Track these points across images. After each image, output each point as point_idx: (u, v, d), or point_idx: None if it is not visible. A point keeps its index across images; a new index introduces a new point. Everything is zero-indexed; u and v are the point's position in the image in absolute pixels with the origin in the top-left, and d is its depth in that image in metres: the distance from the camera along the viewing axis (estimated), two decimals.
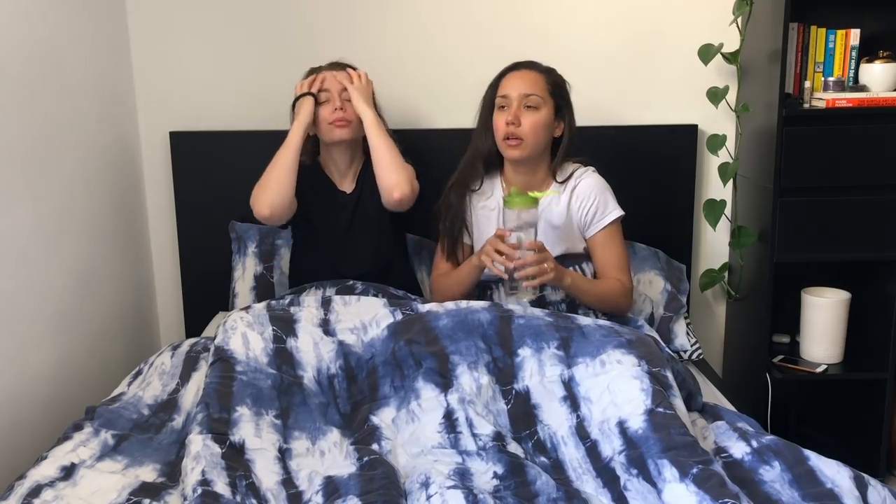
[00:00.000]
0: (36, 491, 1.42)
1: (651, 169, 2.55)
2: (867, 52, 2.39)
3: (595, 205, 2.06)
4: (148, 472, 1.54)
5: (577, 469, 1.51)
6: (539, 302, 2.04)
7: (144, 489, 1.47)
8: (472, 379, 1.65)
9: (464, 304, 1.81)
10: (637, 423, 1.49)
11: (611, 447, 1.50)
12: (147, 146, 2.60)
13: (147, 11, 2.51)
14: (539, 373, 1.67)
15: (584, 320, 1.78)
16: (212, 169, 2.52)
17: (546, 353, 1.69)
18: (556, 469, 1.53)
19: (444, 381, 1.65)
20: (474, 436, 1.53)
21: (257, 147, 2.50)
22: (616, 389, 1.57)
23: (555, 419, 1.61)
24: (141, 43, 2.53)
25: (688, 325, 2.40)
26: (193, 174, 2.52)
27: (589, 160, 2.16)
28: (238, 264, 2.41)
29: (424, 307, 1.82)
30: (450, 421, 1.57)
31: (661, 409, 1.50)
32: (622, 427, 1.51)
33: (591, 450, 1.53)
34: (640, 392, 1.54)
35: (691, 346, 2.35)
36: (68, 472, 1.49)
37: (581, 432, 1.57)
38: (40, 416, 1.97)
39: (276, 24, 2.52)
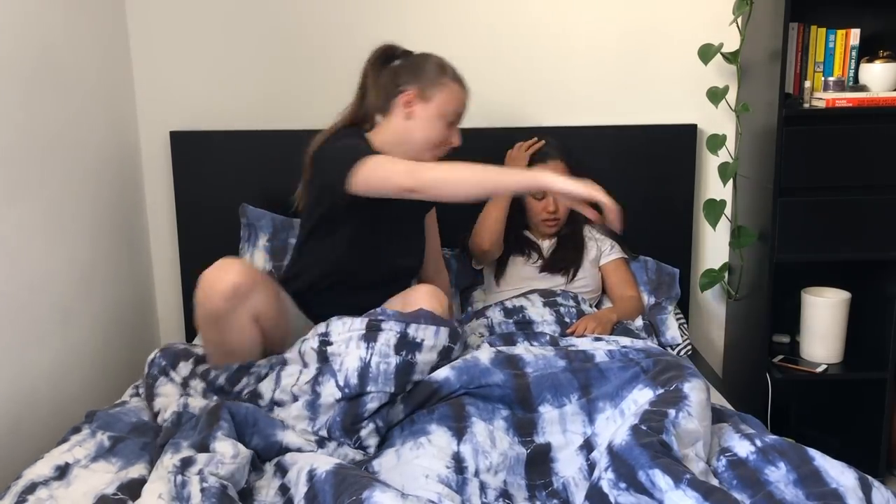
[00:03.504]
0: (31, 489, 1.42)
1: (651, 169, 2.55)
2: (867, 51, 2.39)
3: (610, 244, 2.47)
4: (138, 470, 1.53)
5: None
6: (551, 301, 2.16)
7: (130, 486, 1.46)
8: (486, 430, 1.57)
9: (470, 358, 1.72)
10: (620, 438, 1.44)
11: (598, 468, 1.44)
12: (147, 146, 2.60)
13: (147, 11, 2.51)
14: (561, 431, 1.62)
15: (599, 355, 1.74)
16: (212, 169, 2.52)
17: (567, 408, 1.64)
18: None
19: (459, 426, 1.57)
20: (482, 484, 1.47)
21: (257, 147, 2.51)
22: (616, 428, 1.54)
23: (570, 468, 1.55)
24: (141, 43, 2.53)
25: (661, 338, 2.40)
26: (193, 174, 2.52)
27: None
28: (246, 254, 2.36)
29: (437, 376, 1.69)
30: (459, 465, 1.49)
31: (644, 427, 1.44)
32: (610, 446, 1.45)
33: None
34: (633, 417, 1.50)
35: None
36: (62, 471, 1.49)
37: (591, 472, 1.53)
38: (41, 416, 1.96)
39: (277, 24, 2.52)
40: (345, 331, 1.69)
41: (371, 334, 1.66)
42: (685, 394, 1.52)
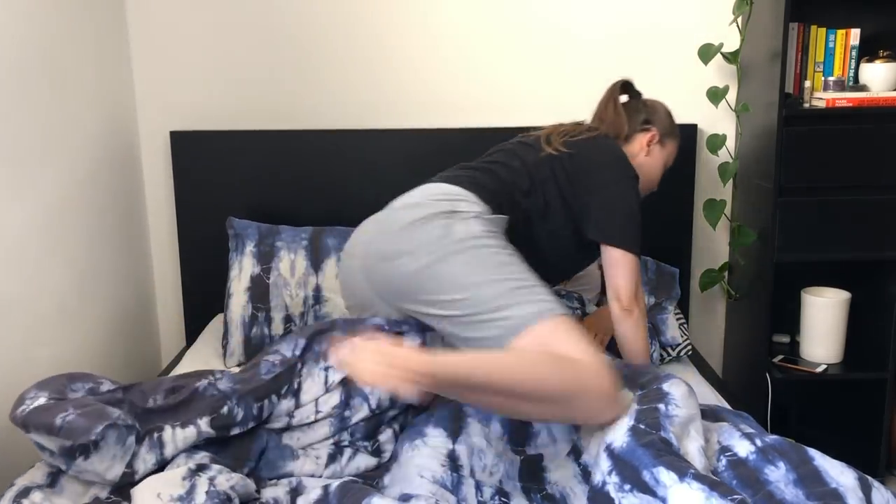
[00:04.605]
0: (25, 492, 1.42)
1: None
2: (867, 51, 2.40)
3: None
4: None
5: None
6: None
7: (122, 488, 1.46)
8: (482, 432, 1.59)
9: None
10: (621, 440, 1.43)
11: (600, 472, 1.44)
12: (147, 146, 2.60)
13: (147, 11, 2.51)
14: (551, 442, 1.62)
15: None
16: (212, 169, 2.52)
17: (556, 430, 1.64)
18: None
19: (455, 427, 1.58)
20: (477, 483, 1.48)
21: (257, 147, 2.51)
22: (609, 429, 1.55)
23: (563, 476, 1.56)
24: (141, 43, 2.53)
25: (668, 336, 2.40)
26: (193, 174, 2.52)
27: None
28: (235, 263, 2.37)
29: None
30: (454, 463, 1.51)
31: (643, 426, 1.44)
32: (609, 449, 1.45)
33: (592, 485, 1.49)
34: (627, 418, 1.50)
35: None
36: (54, 477, 1.49)
37: (585, 477, 1.53)
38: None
39: (276, 23, 2.52)
40: (352, 332, 1.68)
41: None
42: (665, 391, 1.53)
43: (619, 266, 1.80)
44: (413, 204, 1.71)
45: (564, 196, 1.83)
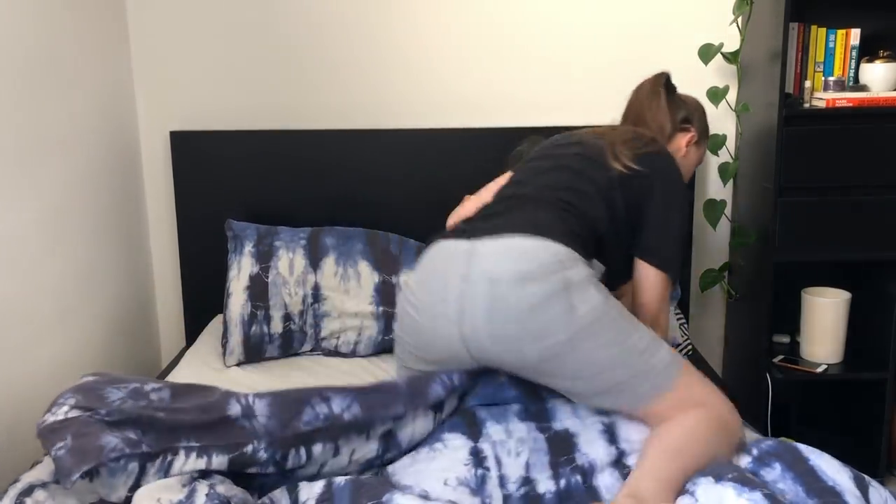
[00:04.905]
0: (28, 491, 1.42)
1: None
2: (867, 51, 2.40)
3: None
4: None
5: (613, 490, 1.46)
6: None
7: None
8: (502, 430, 1.57)
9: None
10: None
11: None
12: (147, 146, 2.61)
13: (147, 11, 2.51)
14: (574, 416, 1.61)
15: None
16: (212, 169, 2.52)
17: (581, 407, 1.63)
18: (590, 491, 1.47)
19: (472, 430, 1.57)
20: (501, 478, 1.48)
21: (257, 147, 2.51)
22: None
23: (594, 450, 1.54)
24: (141, 43, 2.53)
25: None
26: (193, 174, 2.52)
27: None
28: (234, 263, 2.37)
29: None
30: (477, 458, 1.50)
31: None
32: None
33: (628, 474, 1.49)
34: None
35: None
36: None
37: (619, 463, 1.52)
38: (40, 417, 1.96)
39: (276, 24, 2.53)
40: (413, 409, 1.61)
41: (439, 405, 1.63)
42: None
43: (652, 286, 1.78)
44: (527, 275, 1.56)
45: (630, 217, 1.79)
